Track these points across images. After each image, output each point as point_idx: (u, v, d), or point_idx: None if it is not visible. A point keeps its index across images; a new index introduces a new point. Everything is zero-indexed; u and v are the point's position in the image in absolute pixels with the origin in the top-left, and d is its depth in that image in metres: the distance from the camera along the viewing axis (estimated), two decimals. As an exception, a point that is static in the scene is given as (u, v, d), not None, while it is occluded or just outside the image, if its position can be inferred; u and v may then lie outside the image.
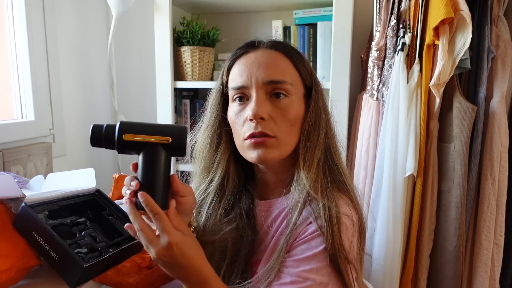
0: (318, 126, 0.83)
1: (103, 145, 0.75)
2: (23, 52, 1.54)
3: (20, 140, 1.51)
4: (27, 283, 0.90)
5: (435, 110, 1.42)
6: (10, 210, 0.91)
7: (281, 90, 0.82)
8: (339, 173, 0.85)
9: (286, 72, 0.82)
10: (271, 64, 0.82)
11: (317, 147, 0.82)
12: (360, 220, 0.84)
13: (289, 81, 0.82)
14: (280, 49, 0.85)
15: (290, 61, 0.84)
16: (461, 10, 1.30)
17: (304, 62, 0.87)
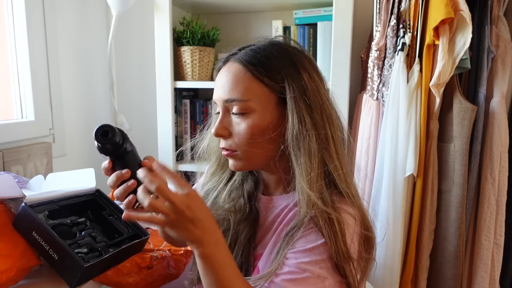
0: (302, 132, 0.79)
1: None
2: (23, 52, 1.54)
3: (20, 140, 1.51)
4: (27, 283, 0.89)
5: (435, 110, 1.42)
6: (10, 210, 0.91)
7: (237, 108, 0.82)
8: (339, 176, 0.82)
9: (243, 87, 0.81)
10: (230, 81, 0.82)
11: (307, 152, 0.79)
12: (364, 222, 0.84)
13: (244, 98, 0.80)
14: (242, 62, 0.82)
15: (250, 74, 0.81)
16: (461, 10, 1.30)
17: (271, 69, 0.81)
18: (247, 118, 0.81)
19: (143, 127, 2.10)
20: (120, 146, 0.77)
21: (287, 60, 0.82)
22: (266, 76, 0.81)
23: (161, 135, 1.80)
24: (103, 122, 1.02)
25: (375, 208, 1.48)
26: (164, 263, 1.05)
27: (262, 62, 0.81)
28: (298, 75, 0.81)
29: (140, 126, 2.10)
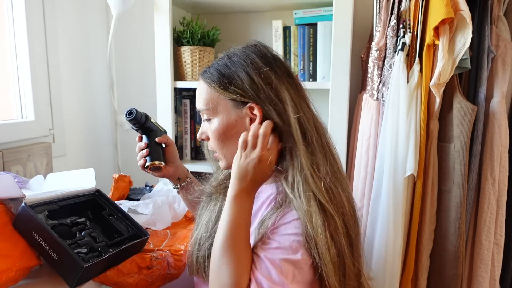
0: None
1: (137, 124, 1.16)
2: (23, 52, 1.54)
3: (20, 140, 1.51)
4: (27, 283, 0.90)
5: (435, 110, 1.42)
6: (10, 210, 0.91)
7: (205, 116, 0.97)
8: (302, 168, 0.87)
9: (204, 98, 0.95)
10: (197, 95, 0.98)
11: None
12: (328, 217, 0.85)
13: (206, 107, 0.94)
14: (204, 77, 0.96)
15: (208, 86, 0.94)
16: (461, 10, 1.30)
17: (221, 75, 0.92)
18: (211, 123, 0.95)
19: (143, 127, 2.10)
20: (142, 124, 1.15)
21: (237, 66, 0.92)
22: (219, 86, 0.92)
23: (161, 135, 1.80)
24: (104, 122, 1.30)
25: (375, 208, 1.48)
26: (164, 263, 1.05)
27: (214, 75, 0.94)
28: (249, 77, 0.90)
29: (140, 126, 2.09)
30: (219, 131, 0.94)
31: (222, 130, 0.94)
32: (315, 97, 1.85)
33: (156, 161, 1.13)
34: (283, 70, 0.94)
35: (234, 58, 0.94)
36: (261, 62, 0.91)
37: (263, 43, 0.98)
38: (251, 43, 0.97)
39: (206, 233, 0.99)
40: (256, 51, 0.94)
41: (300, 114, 0.90)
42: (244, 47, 0.97)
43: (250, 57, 0.92)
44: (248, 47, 0.96)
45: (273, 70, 0.91)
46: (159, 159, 1.14)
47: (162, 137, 1.16)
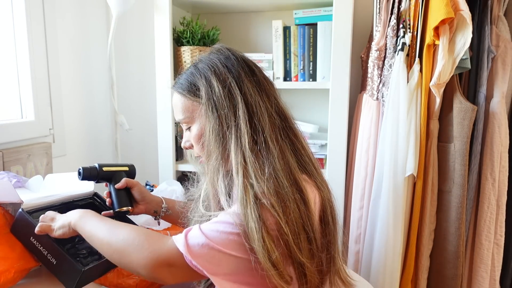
0: (205, 133, 0.92)
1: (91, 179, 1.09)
2: (23, 52, 1.54)
3: (20, 140, 1.51)
4: (27, 282, 0.90)
5: (435, 110, 1.41)
6: (8, 213, 0.91)
7: (183, 124, 0.99)
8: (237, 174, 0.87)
9: (179, 109, 0.97)
10: (174, 106, 1.00)
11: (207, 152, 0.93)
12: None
13: (183, 116, 0.97)
14: (175, 88, 0.98)
15: (181, 96, 0.96)
16: (461, 10, 1.30)
17: (189, 83, 0.95)
18: (191, 131, 0.97)
19: (143, 127, 2.10)
20: (96, 177, 1.11)
21: (201, 73, 0.94)
22: (188, 93, 0.95)
23: (161, 135, 1.80)
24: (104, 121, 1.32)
25: (375, 208, 1.48)
26: (163, 264, 1.05)
27: (184, 83, 0.96)
28: (206, 82, 0.92)
29: (140, 126, 2.10)
30: (199, 136, 0.95)
31: (200, 135, 0.95)
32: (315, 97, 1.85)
33: (122, 207, 1.10)
34: (247, 70, 0.95)
35: (199, 65, 0.95)
36: (221, 66, 0.93)
37: (227, 46, 0.99)
38: (215, 48, 0.99)
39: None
40: (218, 55, 0.96)
41: (254, 117, 0.89)
42: (209, 53, 0.99)
43: (212, 62, 0.94)
44: (212, 52, 0.98)
45: (231, 73, 0.92)
46: (125, 204, 1.11)
47: (121, 183, 1.13)
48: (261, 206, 0.81)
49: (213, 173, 0.91)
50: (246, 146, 0.87)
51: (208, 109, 0.90)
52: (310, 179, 0.91)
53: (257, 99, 0.91)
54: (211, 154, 0.91)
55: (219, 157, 0.89)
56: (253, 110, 0.89)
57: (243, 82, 0.91)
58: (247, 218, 0.80)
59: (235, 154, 0.87)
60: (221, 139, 0.89)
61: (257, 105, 0.90)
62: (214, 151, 0.90)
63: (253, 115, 0.89)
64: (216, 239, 0.80)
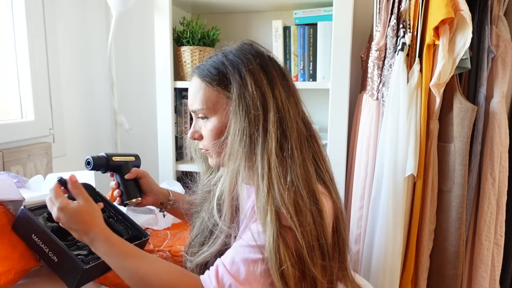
0: (231, 134, 0.88)
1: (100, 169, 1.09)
2: (23, 52, 1.54)
3: (20, 140, 1.51)
4: (27, 282, 0.90)
5: (435, 110, 1.41)
6: (9, 212, 0.91)
7: (200, 115, 0.93)
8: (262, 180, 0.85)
9: (200, 97, 0.91)
10: (191, 94, 0.94)
11: (229, 152, 0.88)
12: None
13: (202, 106, 0.91)
14: (198, 74, 0.93)
15: (204, 84, 0.91)
16: (461, 10, 1.30)
17: (218, 73, 0.90)
18: (208, 122, 0.92)
19: (143, 127, 2.10)
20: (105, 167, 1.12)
21: (233, 65, 0.89)
22: (216, 84, 0.89)
23: (161, 135, 1.80)
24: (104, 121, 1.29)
25: (375, 208, 1.48)
26: (164, 264, 1.05)
27: (212, 72, 0.90)
28: (241, 79, 0.87)
29: (140, 126, 2.10)
30: (217, 131, 0.91)
31: (221, 129, 0.91)
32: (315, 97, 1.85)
33: (132, 199, 1.08)
34: (279, 72, 0.92)
35: (230, 57, 0.91)
36: (256, 64, 0.89)
37: (257, 43, 0.96)
38: (245, 42, 0.95)
39: (196, 236, 1.01)
40: (251, 50, 0.92)
41: (283, 123, 0.87)
42: (240, 45, 0.94)
43: (246, 56, 0.90)
44: (244, 45, 0.94)
45: (266, 73, 0.89)
46: (134, 195, 1.09)
47: (131, 173, 1.10)
48: (280, 216, 0.81)
49: (233, 174, 0.88)
50: (272, 151, 0.84)
51: (238, 107, 0.86)
52: (325, 189, 0.90)
53: (287, 105, 0.89)
54: (233, 154, 0.87)
55: (243, 159, 0.86)
56: (283, 115, 0.87)
57: (276, 85, 0.89)
58: (267, 226, 0.80)
59: (261, 158, 0.84)
60: (248, 141, 0.85)
61: (287, 111, 0.88)
62: (237, 151, 0.86)
63: (283, 120, 0.87)
64: (244, 276, 0.80)
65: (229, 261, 0.81)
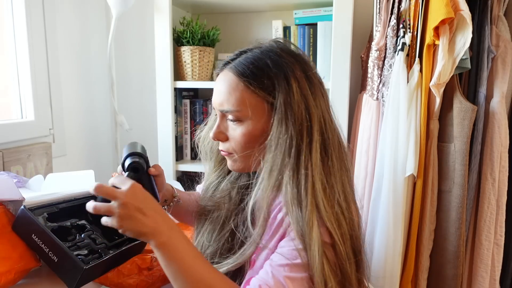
0: (274, 142, 0.82)
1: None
2: (23, 52, 1.54)
3: (20, 140, 1.51)
4: (27, 282, 0.90)
5: (435, 110, 1.41)
6: (9, 211, 0.91)
7: (231, 117, 0.86)
8: (306, 191, 0.80)
9: (236, 98, 0.84)
10: (223, 92, 0.86)
11: (270, 162, 0.82)
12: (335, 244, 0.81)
13: (236, 108, 0.84)
14: (236, 72, 0.85)
15: (243, 85, 0.84)
16: (461, 10, 1.30)
17: (263, 80, 0.83)
18: (241, 125, 0.85)
19: (143, 127, 2.10)
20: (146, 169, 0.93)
21: (279, 69, 0.83)
22: (258, 87, 0.83)
23: (161, 135, 1.80)
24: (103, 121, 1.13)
25: (375, 208, 1.48)
26: (164, 264, 1.05)
27: (254, 73, 0.83)
28: (287, 85, 0.82)
29: (140, 126, 2.10)
30: (250, 136, 0.85)
31: (255, 134, 0.85)
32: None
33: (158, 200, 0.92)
34: (318, 77, 0.87)
35: (273, 58, 0.84)
36: (299, 70, 0.83)
37: (291, 42, 0.92)
38: (280, 41, 0.90)
39: (209, 242, 0.96)
40: (291, 51, 0.87)
41: (325, 134, 0.83)
42: (278, 44, 0.88)
43: (289, 59, 0.84)
44: (280, 44, 0.88)
45: (308, 79, 0.84)
46: (156, 196, 0.93)
47: (155, 168, 0.95)
48: (325, 231, 0.78)
49: (275, 185, 0.81)
50: (317, 163, 0.81)
51: (284, 115, 0.80)
52: (352, 200, 0.88)
53: (327, 114, 0.86)
54: (276, 165, 0.81)
55: (287, 170, 0.80)
56: (324, 125, 0.84)
57: (318, 93, 0.85)
58: (311, 242, 0.76)
59: (305, 170, 0.79)
60: (294, 152, 0.80)
61: (328, 121, 0.85)
62: (282, 162, 0.80)
63: (324, 131, 0.83)
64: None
65: (273, 281, 0.76)
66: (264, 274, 0.78)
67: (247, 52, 0.88)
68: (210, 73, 1.85)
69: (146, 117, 2.09)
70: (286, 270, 0.77)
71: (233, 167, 0.92)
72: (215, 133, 0.90)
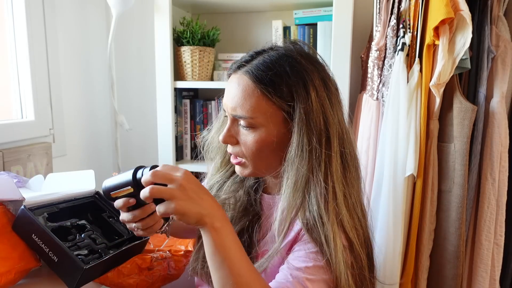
0: (297, 153, 0.80)
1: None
2: (23, 52, 1.54)
3: (20, 140, 1.51)
4: (27, 282, 0.90)
5: (435, 110, 1.41)
6: (9, 211, 0.91)
7: (244, 123, 0.83)
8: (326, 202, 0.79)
9: (251, 105, 0.81)
10: (237, 96, 0.83)
11: (295, 172, 0.80)
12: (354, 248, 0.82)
13: (251, 115, 0.81)
14: (253, 77, 0.81)
15: (260, 92, 0.80)
16: (461, 10, 1.29)
17: (281, 88, 0.80)
18: (254, 132, 0.83)
19: (143, 127, 2.10)
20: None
21: (298, 77, 0.80)
22: (275, 95, 0.80)
23: (161, 135, 1.80)
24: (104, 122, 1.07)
25: (375, 208, 1.48)
26: (164, 264, 1.06)
27: (272, 80, 0.80)
28: (306, 94, 0.80)
29: (140, 126, 2.10)
30: (264, 143, 0.83)
31: (267, 143, 0.83)
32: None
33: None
34: (334, 84, 0.86)
35: (293, 63, 0.81)
36: (318, 75, 0.82)
37: (307, 43, 0.92)
38: (297, 45, 0.87)
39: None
40: (309, 56, 0.84)
41: (344, 142, 0.82)
42: (295, 48, 0.86)
43: (308, 65, 0.82)
44: (297, 47, 0.86)
45: (326, 86, 0.82)
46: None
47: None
48: (344, 237, 0.79)
49: (300, 195, 0.80)
50: (338, 173, 0.81)
51: (304, 125, 0.79)
52: (364, 205, 0.89)
53: (343, 122, 0.85)
54: (300, 175, 0.79)
55: (313, 180, 0.79)
56: (342, 134, 0.83)
57: (335, 102, 0.84)
58: (334, 250, 0.76)
59: (326, 179, 0.79)
60: (316, 162, 0.79)
61: (344, 130, 0.84)
62: (305, 172, 0.79)
63: (342, 140, 0.83)
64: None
65: (293, 284, 0.75)
66: (282, 277, 0.78)
67: (263, 54, 0.84)
68: (210, 73, 1.85)
69: (146, 117, 2.09)
70: (306, 272, 0.77)
71: (243, 173, 0.90)
72: (225, 137, 0.87)
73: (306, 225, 0.80)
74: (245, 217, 0.95)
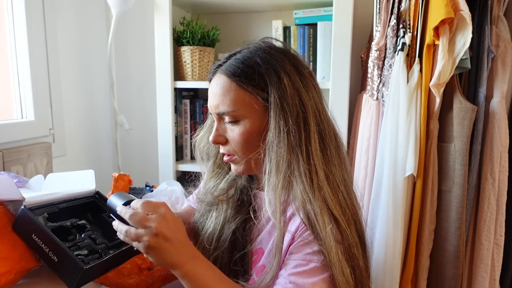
0: (275, 136, 0.82)
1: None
2: (23, 52, 1.54)
3: (20, 140, 1.51)
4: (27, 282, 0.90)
5: (435, 110, 1.41)
6: (9, 211, 0.91)
7: (228, 118, 0.87)
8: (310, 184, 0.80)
9: (230, 99, 0.85)
10: (218, 94, 0.88)
11: (276, 156, 0.82)
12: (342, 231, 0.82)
13: (232, 109, 0.85)
14: (227, 74, 0.86)
15: (236, 85, 0.85)
16: (461, 10, 1.30)
17: (254, 77, 0.84)
18: (239, 125, 0.86)
19: (143, 127, 2.10)
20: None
21: (269, 65, 0.84)
22: (250, 84, 0.84)
23: (161, 135, 1.80)
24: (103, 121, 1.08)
25: (375, 208, 1.48)
26: (164, 264, 1.05)
27: (245, 71, 0.84)
28: (278, 79, 0.83)
29: (140, 126, 2.10)
30: (248, 134, 0.85)
31: (252, 134, 0.85)
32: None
33: None
34: (308, 71, 0.88)
35: (262, 55, 0.85)
36: (289, 64, 0.85)
37: (277, 39, 0.93)
38: (266, 39, 0.92)
39: (210, 246, 0.96)
40: (278, 48, 0.88)
41: (321, 125, 0.84)
42: (265, 43, 0.90)
43: (277, 55, 0.85)
44: (267, 43, 0.90)
45: (298, 72, 0.85)
46: None
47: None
48: (338, 226, 0.80)
49: (285, 182, 0.81)
50: (318, 152, 0.82)
51: (280, 110, 0.81)
52: (351, 186, 0.89)
53: (320, 105, 0.87)
54: (281, 158, 0.81)
55: (294, 161, 0.80)
56: (319, 115, 0.85)
57: (309, 85, 0.86)
58: (322, 230, 0.77)
59: (307, 160, 0.81)
60: (297, 148, 0.81)
61: (322, 112, 0.86)
62: (285, 155, 0.80)
63: (320, 122, 0.85)
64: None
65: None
66: (282, 284, 0.79)
67: (236, 54, 0.89)
68: (210, 73, 1.85)
69: (146, 117, 2.09)
70: (305, 276, 0.77)
71: (237, 170, 0.92)
72: (214, 137, 0.90)
73: (297, 209, 0.82)
74: (239, 214, 0.96)
